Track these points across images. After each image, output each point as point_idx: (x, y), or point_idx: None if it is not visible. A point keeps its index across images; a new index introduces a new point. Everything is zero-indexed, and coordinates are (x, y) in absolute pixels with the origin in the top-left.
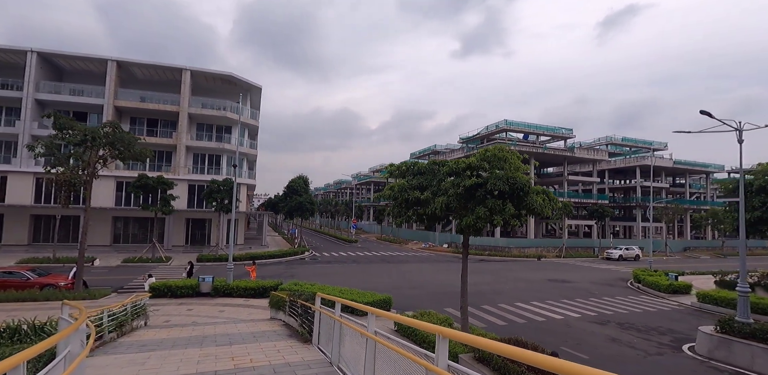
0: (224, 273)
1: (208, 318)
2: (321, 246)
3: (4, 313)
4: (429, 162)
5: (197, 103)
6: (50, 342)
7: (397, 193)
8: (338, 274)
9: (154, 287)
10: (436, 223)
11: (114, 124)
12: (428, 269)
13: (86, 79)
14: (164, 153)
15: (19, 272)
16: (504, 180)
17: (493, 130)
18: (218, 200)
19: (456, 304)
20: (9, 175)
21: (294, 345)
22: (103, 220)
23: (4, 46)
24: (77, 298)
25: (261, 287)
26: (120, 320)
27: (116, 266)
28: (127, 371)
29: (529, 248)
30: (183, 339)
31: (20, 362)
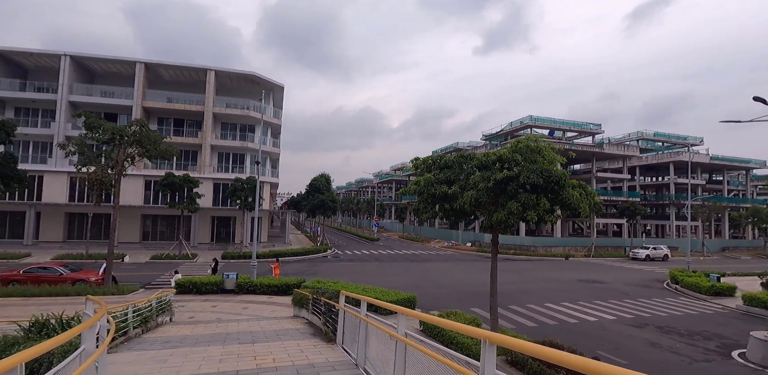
0: (248, 270)
1: (231, 315)
2: (343, 244)
3: (37, 307)
4: (456, 155)
5: (221, 103)
6: (57, 341)
7: (423, 187)
8: (361, 272)
9: (180, 283)
10: (463, 220)
11: (141, 123)
12: (452, 268)
13: (116, 81)
14: (190, 152)
15: (52, 267)
16: (538, 173)
17: (517, 126)
18: (242, 198)
19: (482, 303)
20: (45, 174)
21: (317, 344)
22: (132, 218)
23: (40, 50)
24: (107, 293)
25: (284, 285)
26: (145, 316)
27: (145, 263)
28: (149, 369)
29: (556, 247)
30: (206, 336)
31: (16, 364)
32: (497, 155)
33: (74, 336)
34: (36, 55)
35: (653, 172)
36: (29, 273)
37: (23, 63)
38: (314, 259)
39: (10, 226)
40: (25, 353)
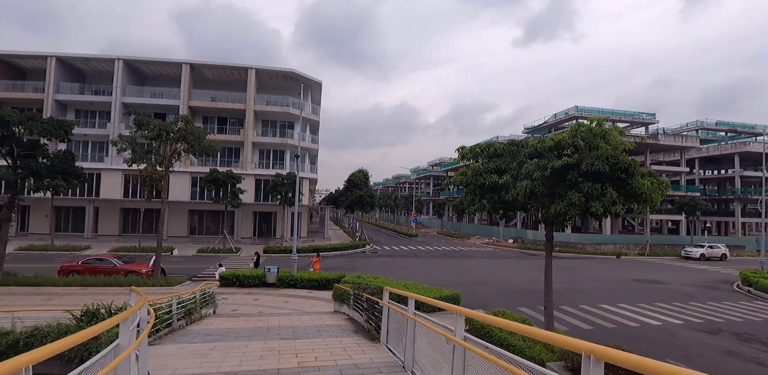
0: (289, 264)
1: (273, 309)
2: (381, 240)
3: (93, 297)
4: (507, 142)
5: (262, 101)
6: (84, 335)
7: (470, 178)
8: (400, 268)
9: (224, 276)
10: (513, 213)
11: (185, 119)
12: (495, 265)
13: (164, 83)
14: (233, 149)
15: (107, 259)
16: (604, 159)
17: (561, 117)
18: (282, 193)
19: (530, 302)
20: (102, 172)
21: (360, 342)
22: (180, 213)
23: (96, 55)
24: (155, 284)
25: (324, 279)
26: (188, 308)
27: (191, 256)
28: (190, 363)
29: (606, 245)
30: (248, 330)
31: (20, 367)
32: (555, 140)
33: (105, 330)
34: (93, 60)
35: (714, 164)
36: (87, 264)
37: (82, 68)
38: (353, 255)
39: (72, 220)
40: (33, 353)
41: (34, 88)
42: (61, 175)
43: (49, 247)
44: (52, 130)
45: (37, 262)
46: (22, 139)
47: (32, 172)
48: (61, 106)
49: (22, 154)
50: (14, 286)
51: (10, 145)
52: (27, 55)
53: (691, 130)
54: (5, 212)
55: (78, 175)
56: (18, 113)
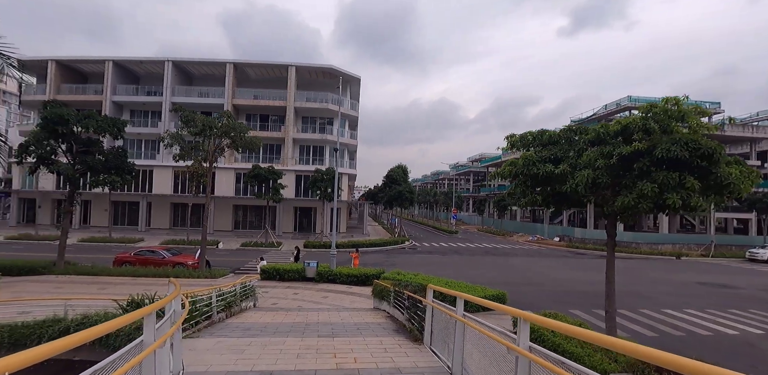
0: (328, 259)
1: (312, 303)
2: (420, 236)
3: (143, 287)
4: (564, 128)
5: (302, 98)
6: (94, 332)
7: (521, 167)
8: (440, 264)
9: (265, 270)
10: (568, 206)
11: (227, 114)
12: (541, 264)
13: (210, 82)
14: (274, 146)
15: (157, 251)
16: (683, 144)
17: (612, 109)
18: (322, 189)
19: (582, 305)
20: (155, 169)
21: (402, 343)
22: (225, 208)
23: (148, 58)
24: (200, 276)
25: (363, 275)
26: (228, 301)
27: (235, 249)
28: (225, 359)
29: (663, 245)
30: (286, 325)
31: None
32: (623, 124)
33: (127, 323)
34: (145, 63)
35: None
36: (138, 255)
37: (136, 70)
38: (392, 251)
39: (128, 214)
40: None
41: (94, 90)
42: (115, 170)
43: (107, 239)
44: (106, 127)
45: (96, 253)
46: (80, 137)
47: (89, 167)
48: (117, 107)
49: (80, 150)
50: (74, 275)
51: (70, 143)
52: (87, 60)
53: (762, 120)
54: (66, 205)
55: (130, 170)
56: (76, 112)
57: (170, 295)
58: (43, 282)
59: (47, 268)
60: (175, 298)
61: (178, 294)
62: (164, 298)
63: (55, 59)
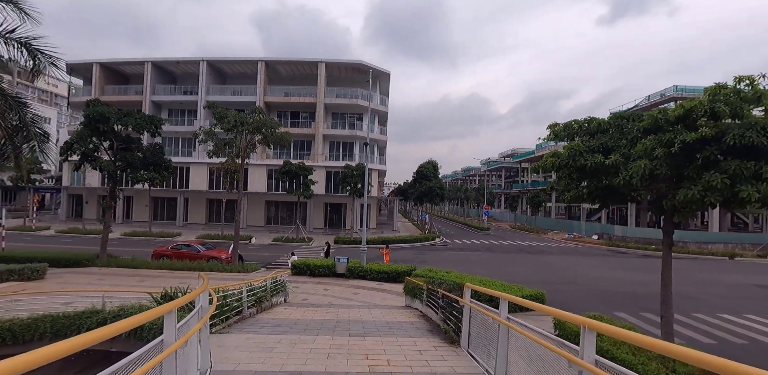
0: (358, 255)
1: (342, 300)
2: (451, 233)
3: (178, 280)
4: (613, 116)
5: (332, 94)
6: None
7: (566, 159)
8: (473, 262)
9: (296, 265)
10: (618, 201)
11: (259, 110)
12: (579, 263)
13: (243, 81)
14: (304, 142)
15: (193, 245)
16: (759, 129)
17: (656, 100)
18: (352, 184)
19: (627, 307)
20: (191, 165)
21: (437, 345)
22: (258, 204)
23: (184, 58)
24: (233, 270)
25: (394, 272)
26: (259, 296)
27: (268, 244)
28: (253, 357)
29: (714, 244)
30: (316, 322)
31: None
32: (685, 108)
33: (141, 323)
34: (181, 63)
35: None
36: (175, 249)
37: (173, 71)
38: (422, 247)
39: (167, 209)
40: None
41: (135, 91)
42: (153, 166)
43: (147, 234)
44: (144, 124)
45: (137, 246)
46: (121, 134)
47: (128, 163)
48: (156, 107)
49: (120, 148)
50: (115, 267)
51: (111, 140)
52: (128, 62)
53: None
54: (107, 200)
55: (167, 166)
56: (117, 110)
57: (194, 291)
58: (87, 273)
59: (91, 261)
60: (201, 293)
61: (205, 289)
62: (189, 293)
63: (99, 62)
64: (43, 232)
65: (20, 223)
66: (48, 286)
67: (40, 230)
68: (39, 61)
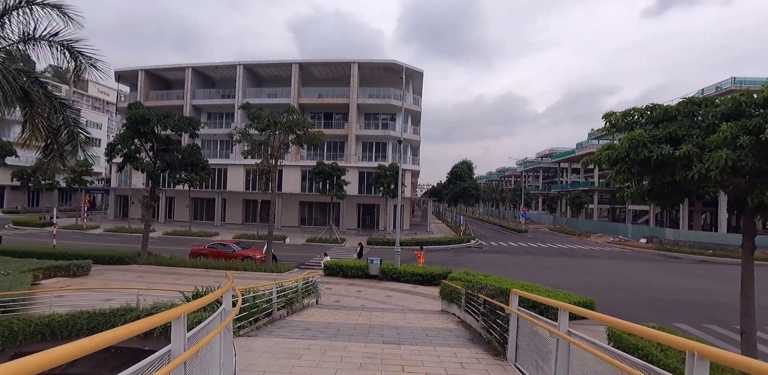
0: (391, 256)
1: (375, 302)
2: (486, 235)
3: (212, 278)
4: (682, 102)
5: (364, 94)
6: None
7: (626, 151)
8: (511, 265)
9: (328, 265)
10: (684, 198)
11: (291, 110)
12: (628, 268)
13: (277, 83)
14: (338, 143)
15: (228, 244)
16: None
17: (711, 93)
18: (385, 185)
19: (689, 318)
20: (228, 167)
21: (480, 357)
22: (292, 205)
23: (221, 62)
24: (266, 270)
25: (429, 274)
26: (289, 297)
27: (301, 245)
28: (280, 365)
29: None
30: (348, 327)
31: None
32: None
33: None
34: (219, 67)
35: None
36: (212, 248)
37: (212, 75)
38: (457, 249)
39: (206, 209)
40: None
41: (176, 96)
42: (190, 166)
43: (187, 233)
44: (182, 125)
45: (176, 245)
46: (160, 136)
47: (167, 164)
48: (196, 110)
49: (160, 149)
50: (154, 265)
51: (151, 141)
52: (170, 68)
53: None
54: (148, 200)
55: (203, 166)
56: (156, 113)
57: (213, 293)
58: (128, 271)
59: (132, 258)
60: (224, 293)
61: (228, 289)
62: (206, 295)
63: (144, 69)
64: (92, 231)
65: (73, 222)
66: (91, 283)
67: (90, 229)
68: (80, 63)
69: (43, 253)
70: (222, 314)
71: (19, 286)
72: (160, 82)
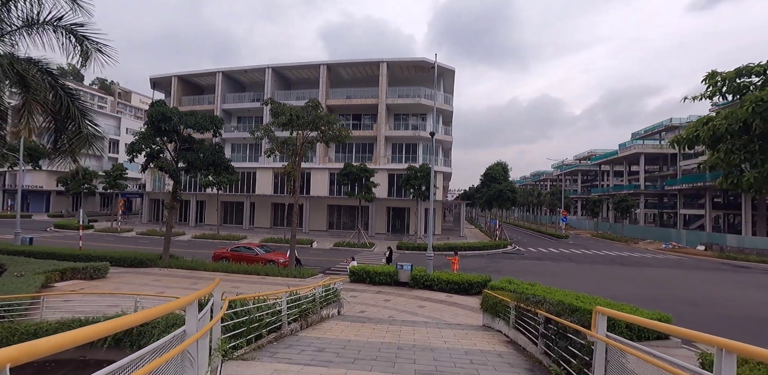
0: (423, 262)
1: (406, 314)
2: (524, 240)
3: (229, 283)
4: None
5: (393, 94)
6: None
7: (748, 116)
8: (556, 274)
9: (354, 271)
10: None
11: (314, 103)
12: (691, 278)
13: (306, 86)
14: (366, 145)
15: (252, 248)
16: None
17: None
18: (416, 187)
19: None
20: (257, 170)
21: None
22: (320, 209)
23: (250, 66)
24: (288, 275)
25: (466, 282)
26: (304, 308)
27: (329, 249)
28: None
29: None
30: (372, 347)
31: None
32: None
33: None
34: (249, 71)
35: None
36: (235, 251)
37: (241, 80)
38: (493, 255)
39: (235, 213)
40: None
41: (208, 101)
42: (213, 166)
43: (215, 236)
44: (204, 124)
45: (204, 248)
46: (183, 135)
47: (189, 163)
48: (227, 114)
49: (182, 148)
50: (175, 268)
51: (173, 140)
52: (201, 73)
53: None
54: (170, 201)
55: (227, 166)
56: (177, 110)
57: (155, 310)
58: (146, 274)
59: (153, 261)
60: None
61: (193, 301)
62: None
63: (177, 75)
64: (125, 234)
65: (109, 225)
66: (106, 286)
67: (123, 232)
68: (86, 48)
69: (68, 254)
70: (173, 342)
71: (26, 288)
72: (192, 88)
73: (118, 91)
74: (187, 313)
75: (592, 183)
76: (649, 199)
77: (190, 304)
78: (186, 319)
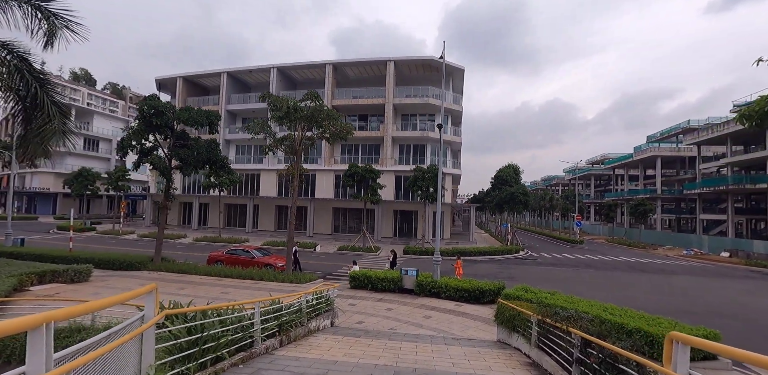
0: (429, 267)
1: (409, 325)
2: (536, 246)
3: (219, 288)
4: None
5: (401, 94)
6: None
7: None
8: (575, 281)
9: (354, 276)
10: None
11: (313, 94)
12: (719, 287)
13: (312, 86)
14: (373, 146)
15: (249, 251)
16: None
17: None
18: (423, 188)
19: None
20: (261, 172)
21: None
22: (325, 212)
23: (255, 66)
24: (285, 280)
25: (477, 289)
26: (284, 321)
27: (332, 253)
28: None
29: None
30: (364, 370)
31: None
32: None
33: None
34: (254, 71)
35: None
36: (230, 254)
37: (247, 81)
38: (504, 261)
39: (238, 216)
40: None
41: (213, 102)
42: (209, 164)
43: (217, 239)
44: (199, 119)
45: (203, 251)
46: (177, 131)
47: (181, 160)
48: (231, 115)
49: (176, 145)
50: (165, 271)
51: (166, 136)
52: (206, 74)
53: None
54: (163, 200)
55: (223, 164)
56: (170, 105)
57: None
58: (133, 278)
59: (142, 264)
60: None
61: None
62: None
63: (182, 76)
64: (126, 236)
65: (110, 227)
66: (87, 290)
67: (125, 234)
68: (53, 25)
69: (56, 256)
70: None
71: None
72: (197, 89)
73: (129, 95)
74: (28, 348)
75: (606, 187)
76: (665, 204)
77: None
78: (28, 358)
